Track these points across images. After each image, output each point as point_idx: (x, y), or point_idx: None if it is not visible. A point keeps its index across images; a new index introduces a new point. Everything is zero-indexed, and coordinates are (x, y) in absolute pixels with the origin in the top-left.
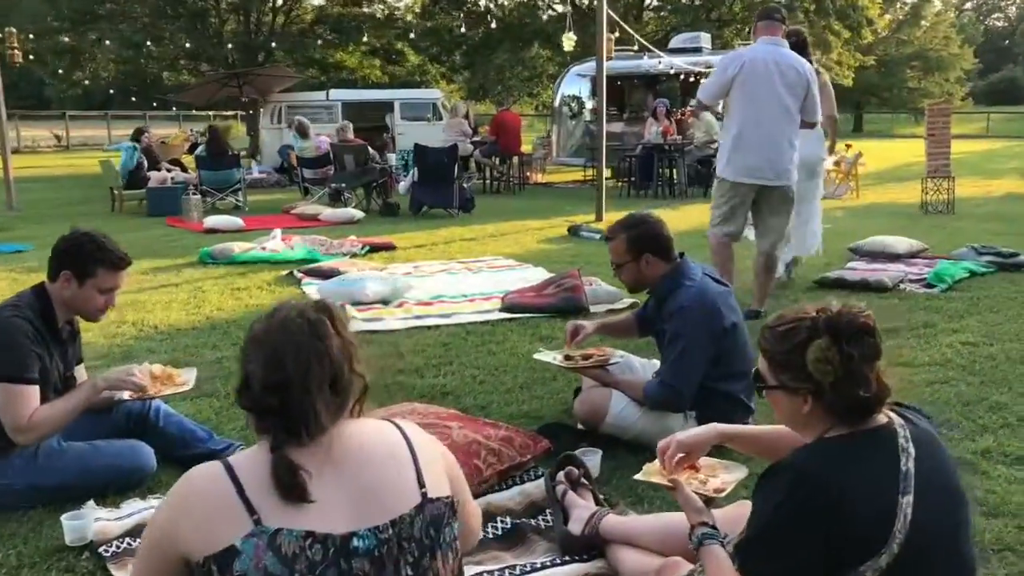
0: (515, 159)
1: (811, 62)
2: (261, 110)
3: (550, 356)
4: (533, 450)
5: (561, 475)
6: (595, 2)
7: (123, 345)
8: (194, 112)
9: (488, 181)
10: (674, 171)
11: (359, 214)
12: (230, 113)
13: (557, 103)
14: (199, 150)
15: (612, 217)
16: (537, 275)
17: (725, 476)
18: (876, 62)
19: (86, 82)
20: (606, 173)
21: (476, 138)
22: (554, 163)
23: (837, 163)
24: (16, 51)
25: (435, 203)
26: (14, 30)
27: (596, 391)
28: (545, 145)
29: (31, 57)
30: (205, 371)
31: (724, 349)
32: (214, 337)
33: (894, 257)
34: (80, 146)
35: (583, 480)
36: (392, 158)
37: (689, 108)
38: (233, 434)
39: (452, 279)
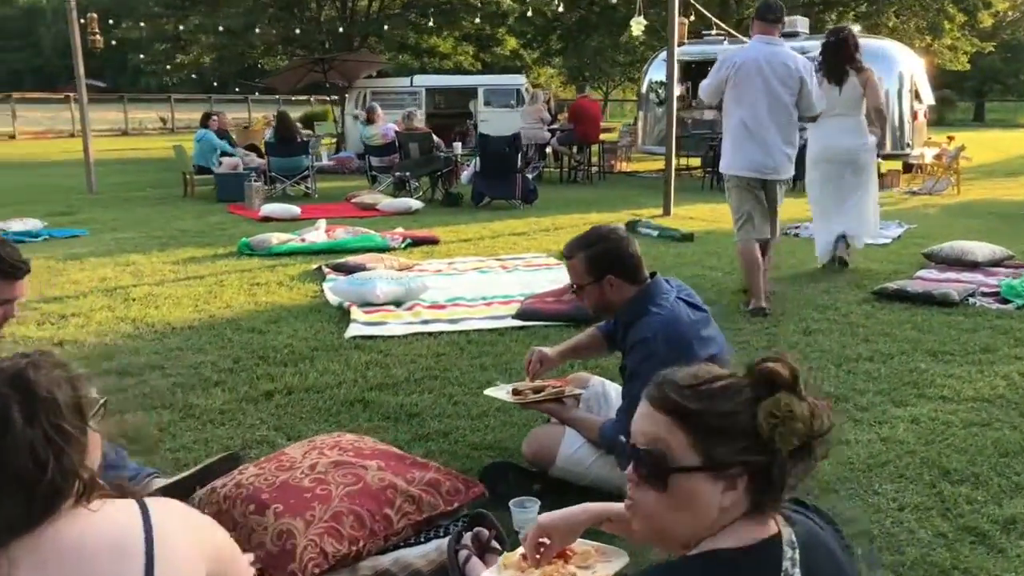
0: (593, 147)
1: (856, 61)
2: (346, 96)
3: (503, 391)
4: (464, 496)
5: (468, 537)
6: None
7: (110, 344)
8: (295, 98)
9: (565, 170)
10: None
11: (417, 204)
12: (328, 99)
13: (644, 89)
14: (267, 136)
15: (683, 212)
16: None
17: (601, 568)
18: (999, 47)
19: (183, 67)
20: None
21: (555, 126)
22: (640, 151)
23: (938, 156)
24: (98, 36)
25: (496, 194)
26: (95, 16)
27: (546, 429)
28: (631, 133)
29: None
30: (178, 378)
31: None
32: (205, 339)
33: (972, 265)
34: (184, 128)
35: (493, 543)
36: (458, 147)
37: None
38: (172, 458)
39: (481, 278)
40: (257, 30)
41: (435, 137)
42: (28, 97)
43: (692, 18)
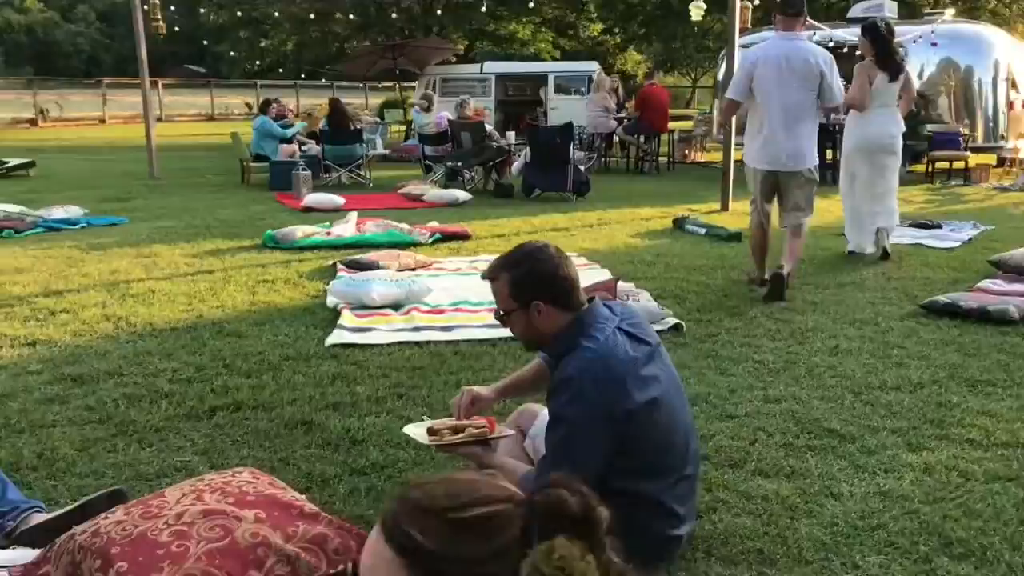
0: (661, 137)
1: (897, 53)
2: (416, 83)
3: (421, 428)
4: (354, 553)
5: None
6: None
7: (82, 345)
8: (381, 85)
9: (631, 160)
10: (837, 153)
11: (463, 195)
12: (398, 85)
13: (720, 76)
14: (321, 124)
15: (742, 207)
16: (595, 277)
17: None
18: None
19: (265, 53)
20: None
21: (621, 114)
22: (715, 140)
23: None
24: (160, 23)
25: (547, 186)
26: (157, 2)
27: (464, 474)
28: (706, 121)
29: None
30: (131, 387)
31: (630, 436)
32: (180, 342)
33: None
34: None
35: None
36: (512, 136)
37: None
38: (77, 485)
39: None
40: (337, 15)
41: (488, 126)
42: (120, 82)
43: (757, 1)
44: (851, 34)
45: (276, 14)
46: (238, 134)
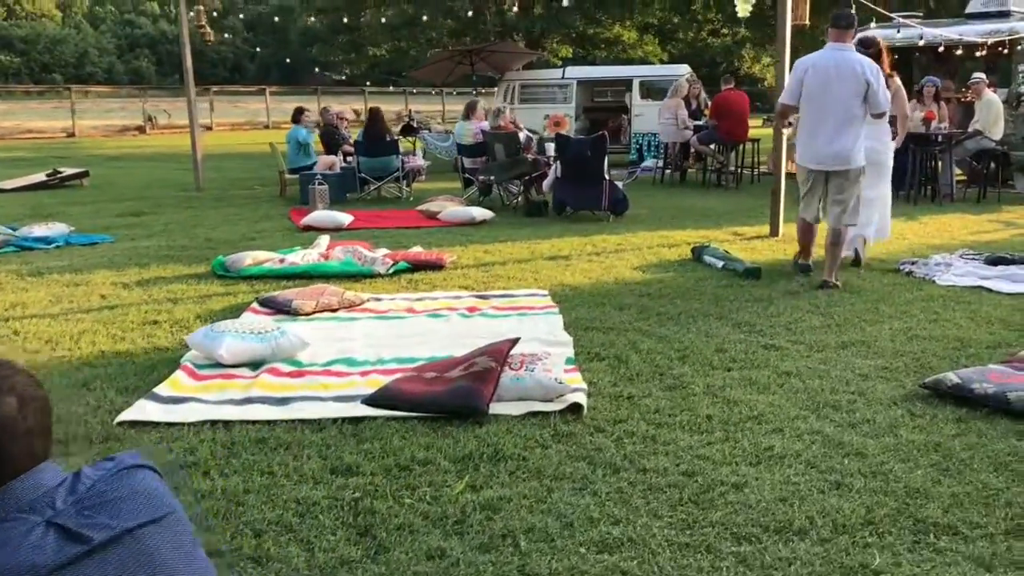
0: (742, 146)
1: (886, 71)
2: (496, 89)
3: None
4: None
5: None
6: None
7: None
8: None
9: (707, 172)
10: (939, 167)
11: (481, 214)
12: (475, 92)
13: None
14: (357, 135)
15: (792, 232)
16: (535, 326)
17: None
18: None
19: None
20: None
21: (699, 122)
22: None
23: None
24: (207, 31)
25: (579, 204)
26: (202, 8)
27: None
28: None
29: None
30: None
31: None
32: None
33: None
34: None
35: None
36: (550, 148)
37: (970, 85)
38: None
39: (429, 326)
40: (426, 18)
41: (523, 135)
42: (226, 90)
43: None
44: (955, 32)
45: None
46: (275, 145)
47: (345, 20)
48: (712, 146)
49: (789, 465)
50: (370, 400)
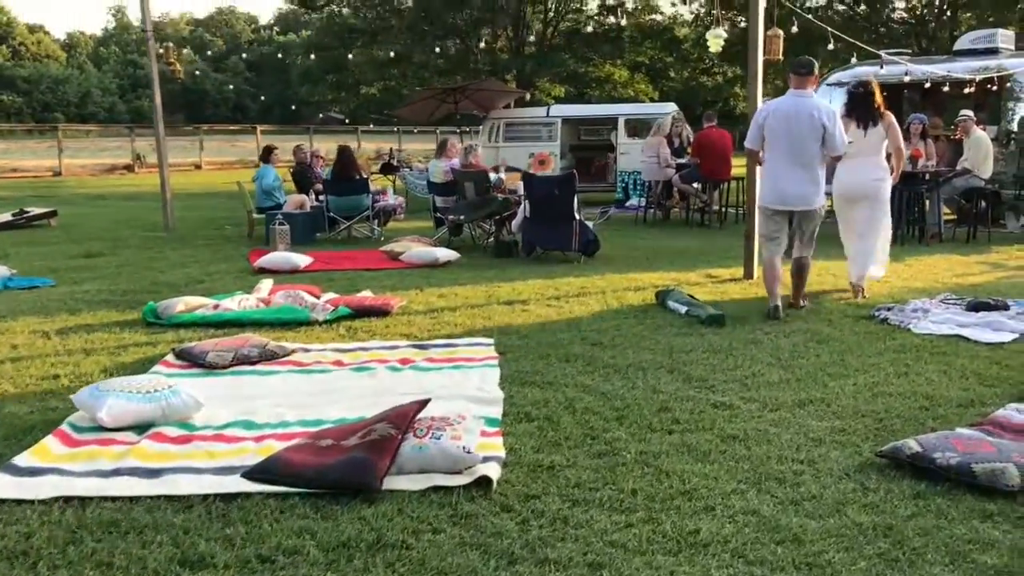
0: (725, 185)
1: (879, 109)
2: (480, 127)
3: None
4: None
5: None
6: None
7: None
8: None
9: (690, 212)
10: (926, 205)
11: (445, 255)
12: (459, 131)
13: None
14: (325, 172)
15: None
16: (470, 387)
17: None
18: None
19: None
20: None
21: (682, 160)
22: None
23: None
24: (176, 66)
25: (548, 244)
26: (172, 45)
27: None
28: None
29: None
30: None
31: None
32: None
33: None
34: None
35: None
36: (521, 186)
37: (958, 123)
38: None
39: (348, 381)
40: (417, 58)
41: (493, 175)
42: (216, 129)
43: (796, 30)
44: (944, 69)
45: (350, 56)
46: (242, 184)
47: (335, 58)
48: (695, 185)
49: (713, 555)
50: (251, 473)
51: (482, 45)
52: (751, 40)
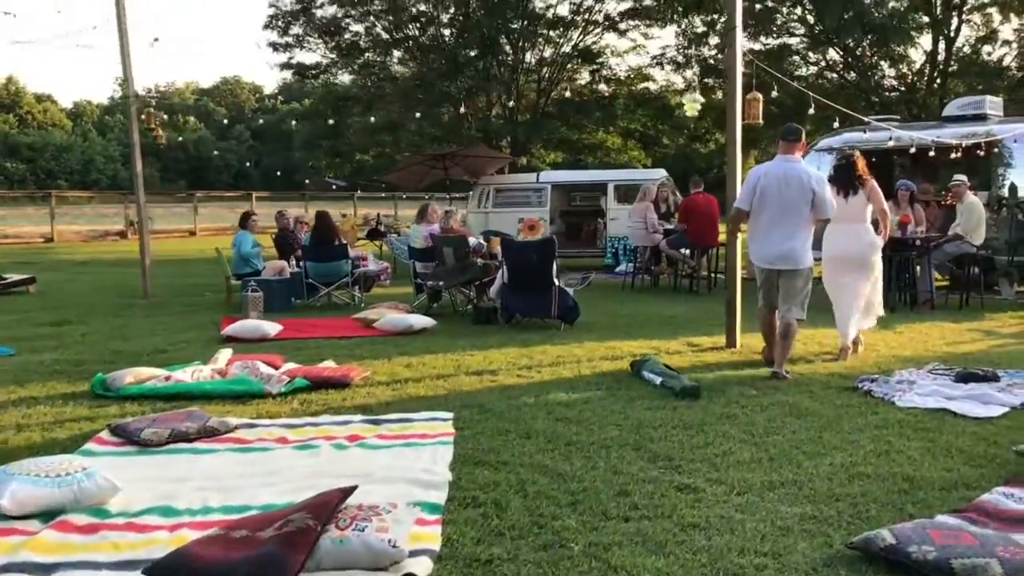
0: (714, 251)
1: (861, 178)
2: (470, 193)
3: None
4: None
5: None
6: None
7: None
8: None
9: (678, 278)
10: (917, 271)
11: (421, 322)
12: (449, 197)
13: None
14: (304, 238)
15: (758, 342)
16: (417, 467)
17: None
18: None
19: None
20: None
21: (670, 225)
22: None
23: None
24: (158, 132)
25: (527, 311)
26: (152, 110)
27: None
28: None
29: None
30: None
31: None
32: None
33: None
34: (359, 224)
35: None
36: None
37: (951, 188)
38: None
39: (274, 461)
40: (412, 126)
41: (473, 240)
42: (212, 195)
43: (776, 93)
44: (932, 135)
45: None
46: (220, 250)
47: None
48: (684, 251)
49: None
50: (153, 570)
51: (475, 112)
52: (729, 105)
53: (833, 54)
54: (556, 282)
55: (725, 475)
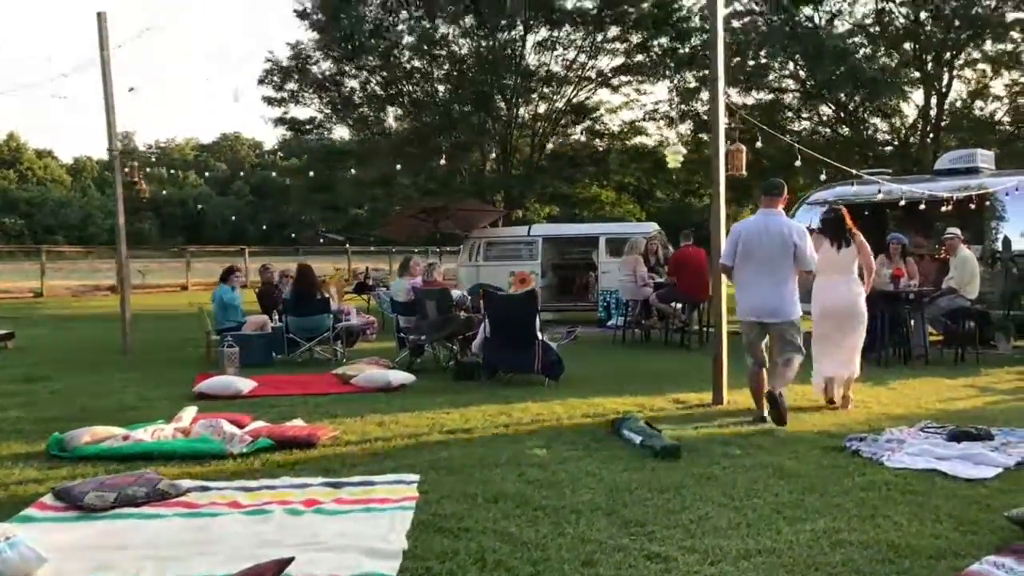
0: (705, 305)
1: (850, 231)
2: (461, 246)
3: None
4: None
5: None
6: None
7: None
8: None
9: (669, 332)
10: (911, 326)
11: (399, 378)
12: (439, 250)
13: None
14: (285, 292)
15: (745, 398)
16: (371, 535)
17: None
18: None
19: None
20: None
21: (660, 279)
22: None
23: None
24: (141, 186)
25: (510, 366)
26: (136, 164)
27: None
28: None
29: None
30: None
31: None
32: None
33: None
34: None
35: None
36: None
37: (944, 241)
38: None
39: (220, 528)
40: (403, 181)
41: (456, 293)
42: (205, 250)
43: (760, 145)
44: (924, 188)
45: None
46: (203, 307)
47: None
48: (675, 304)
49: None
50: None
51: (469, 166)
52: (713, 156)
53: (826, 108)
54: (539, 336)
55: (699, 542)
